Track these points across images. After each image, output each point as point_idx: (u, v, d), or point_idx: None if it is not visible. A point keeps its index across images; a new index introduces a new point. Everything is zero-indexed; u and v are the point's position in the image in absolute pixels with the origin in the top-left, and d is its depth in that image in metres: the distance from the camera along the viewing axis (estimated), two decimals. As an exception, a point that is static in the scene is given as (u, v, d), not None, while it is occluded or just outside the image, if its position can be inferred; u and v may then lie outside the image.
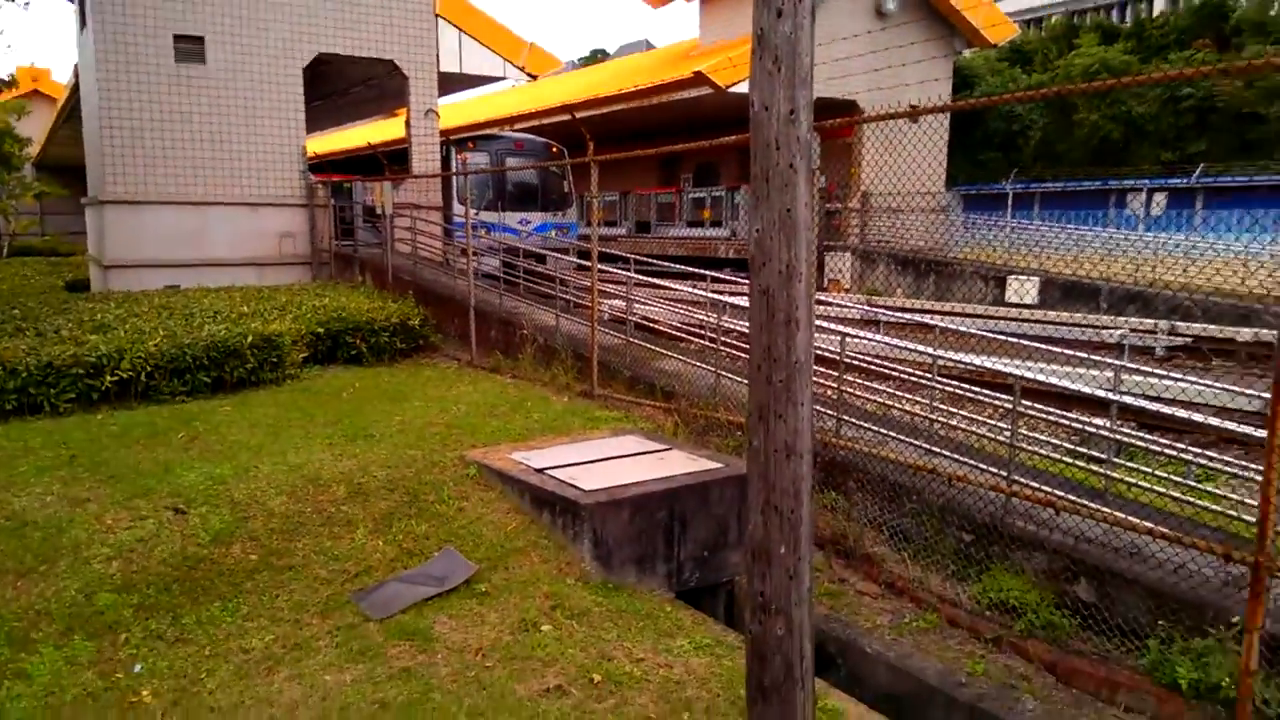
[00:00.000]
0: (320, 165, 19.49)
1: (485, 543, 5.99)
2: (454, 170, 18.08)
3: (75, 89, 22.84)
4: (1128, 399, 5.97)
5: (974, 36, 24.09)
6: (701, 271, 11.52)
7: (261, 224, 17.01)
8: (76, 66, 20.41)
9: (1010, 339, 7.79)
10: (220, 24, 16.20)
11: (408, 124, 18.88)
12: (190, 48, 16.07)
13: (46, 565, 5.27)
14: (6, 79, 17.40)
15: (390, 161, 17.53)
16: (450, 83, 21.16)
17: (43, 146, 37.48)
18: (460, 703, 4.27)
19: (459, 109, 33.40)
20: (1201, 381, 7.05)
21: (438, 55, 18.90)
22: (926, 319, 8.83)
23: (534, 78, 24.88)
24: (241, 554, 5.53)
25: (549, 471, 6.66)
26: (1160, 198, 19.99)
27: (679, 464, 6.88)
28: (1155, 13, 46.01)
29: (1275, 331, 10.35)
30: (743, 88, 20.17)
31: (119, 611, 4.89)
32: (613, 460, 7.04)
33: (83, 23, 16.99)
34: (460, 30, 20.75)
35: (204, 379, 9.36)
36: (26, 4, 22.03)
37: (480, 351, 11.94)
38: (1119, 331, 12.43)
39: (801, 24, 3.35)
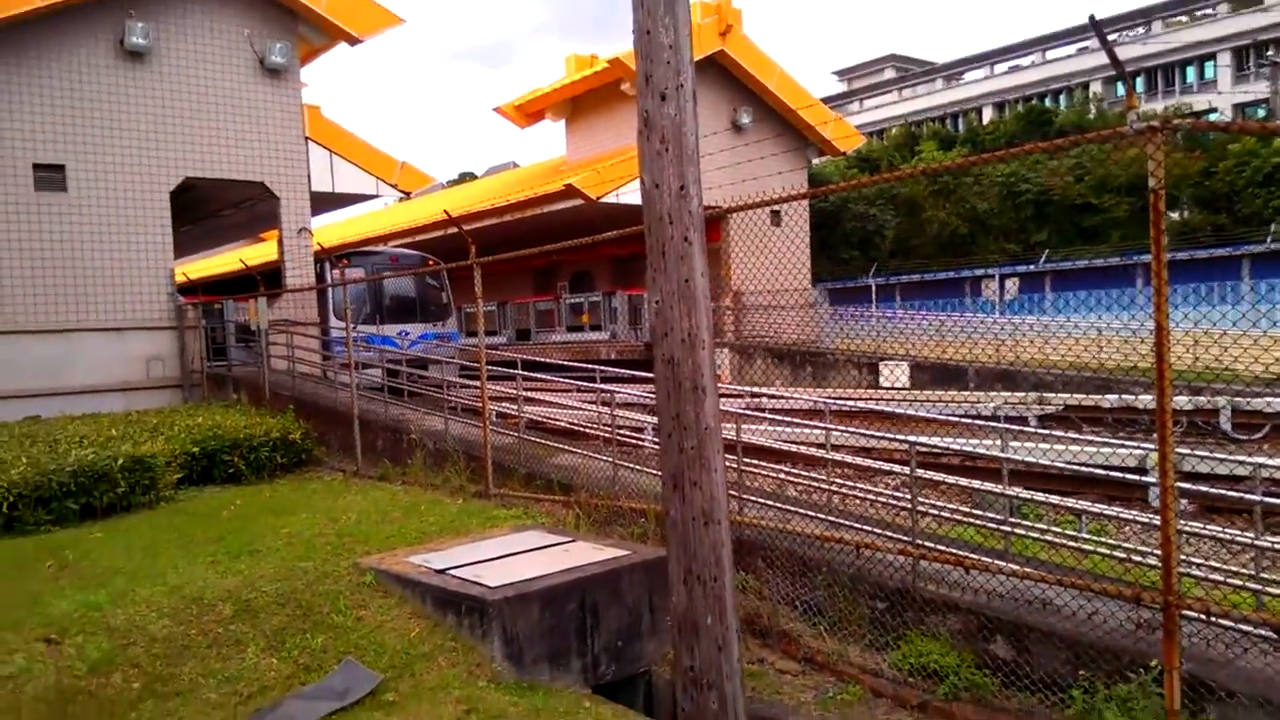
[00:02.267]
0: (192, 288, 18.84)
1: (388, 650, 5.69)
2: (330, 283, 17.83)
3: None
4: (1019, 459, 6.31)
5: (825, 146, 26.07)
6: (590, 366, 11.65)
7: (129, 348, 16.18)
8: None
9: (896, 411, 8.19)
10: (82, 151, 15.76)
11: (280, 242, 18.60)
12: (50, 175, 15.53)
13: (-113, 716, 4.65)
14: None
15: (265, 280, 17.13)
16: (323, 202, 21.06)
17: None
18: (377, 819, 3.96)
19: (333, 229, 33.16)
20: (1083, 440, 7.51)
21: (309, 176, 18.88)
22: (810, 402, 9.19)
23: (407, 195, 25.10)
24: (123, 683, 5.04)
25: (451, 571, 6.44)
26: (1011, 283, 21.80)
27: (585, 555, 6.78)
28: (985, 120, 51.29)
29: (1148, 395, 11.27)
30: (610, 198, 21.07)
31: (-20, 759, 4.35)
32: (516, 556, 6.88)
33: (-67, 152, 16.14)
34: (331, 152, 20.80)
35: (72, 506, 8.74)
36: None
37: (367, 461, 11.56)
38: (993, 404, 13.20)
39: (685, 106, 3.62)
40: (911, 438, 6.52)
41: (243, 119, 17.54)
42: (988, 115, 55.82)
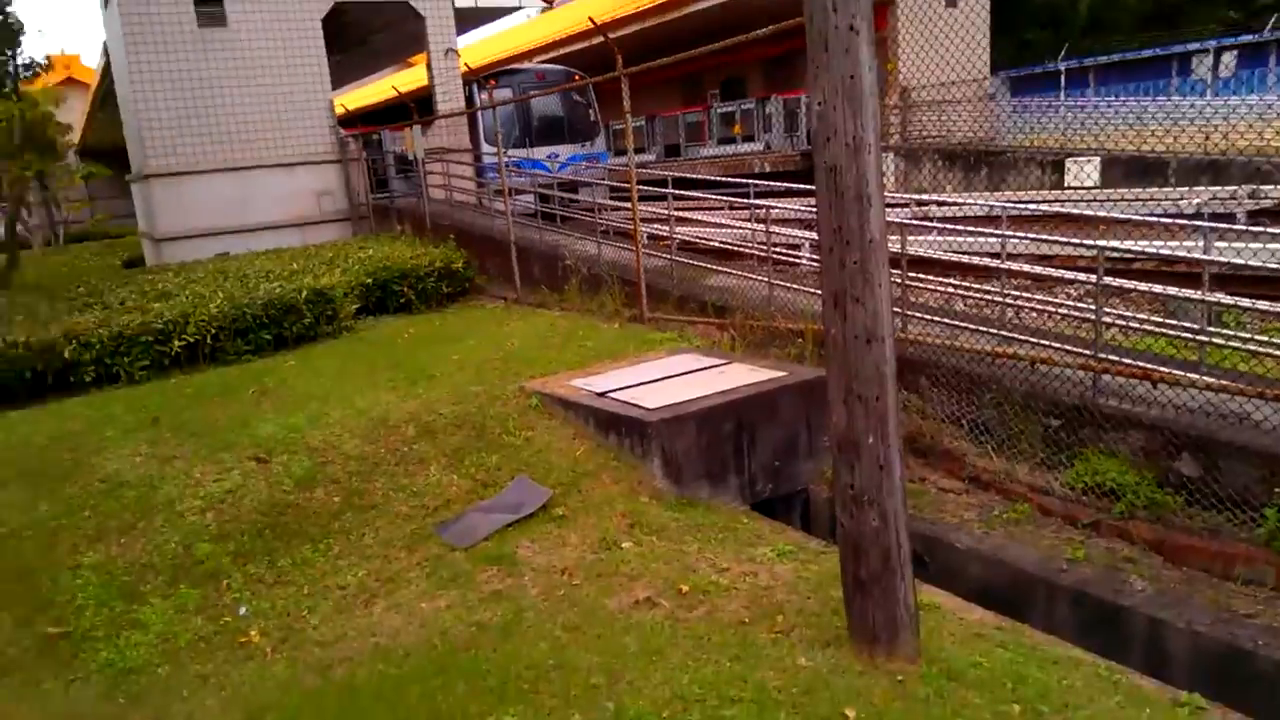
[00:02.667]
0: (348, 120, 19.34)
1: (556, 469, 5.99)
2: (479, 107, 17.80)
3: (106, 70, 22.89)
4: (1222, 259, 5.57)
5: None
6: (741, 182, 11.17)
7: (299, 184, 17.02)
8: (105, 45, 20.41)
9: (1082, 214, 7.40)
10: (234, -17, 16.00)
11: (429, 66, 18.57)
12: (211, 10, 15.90)
13: (145, 521, 5.42)
14: (45, 62, 17.42)
15: (417, 107, 17.31)
16: (467, 19, 20.67)
17: (82, 133, 37.91)
18: (554, 619, 4.29)
19: (479, 47, 32.80)
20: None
21: (453, -9, 18.48)
22: (984, 207, 8.42)
23: (550, 4, 24.24)
24: (325, 497, 5.62)
25: (611, 394, 6.60)
26: (1229, 58, 18.70)
27: (741, 376, 6.76)
28: None
29: None
30: (766, -12, 19.37)
31: (218, 560, 5.02)
32: (673, 379, 6.95)
33: (105, 1, 16.91)
34: (473, -37, 20.17)
35: (265, 336, 9.50)
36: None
37: (525, 288, 11.86)
38: (1196, 200, 11.65)
39: None
40: (1099, 242, 5.88)
41: (387, -66, 17.16)
42: None
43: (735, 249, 10.33)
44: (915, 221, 7.63)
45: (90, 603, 4.67)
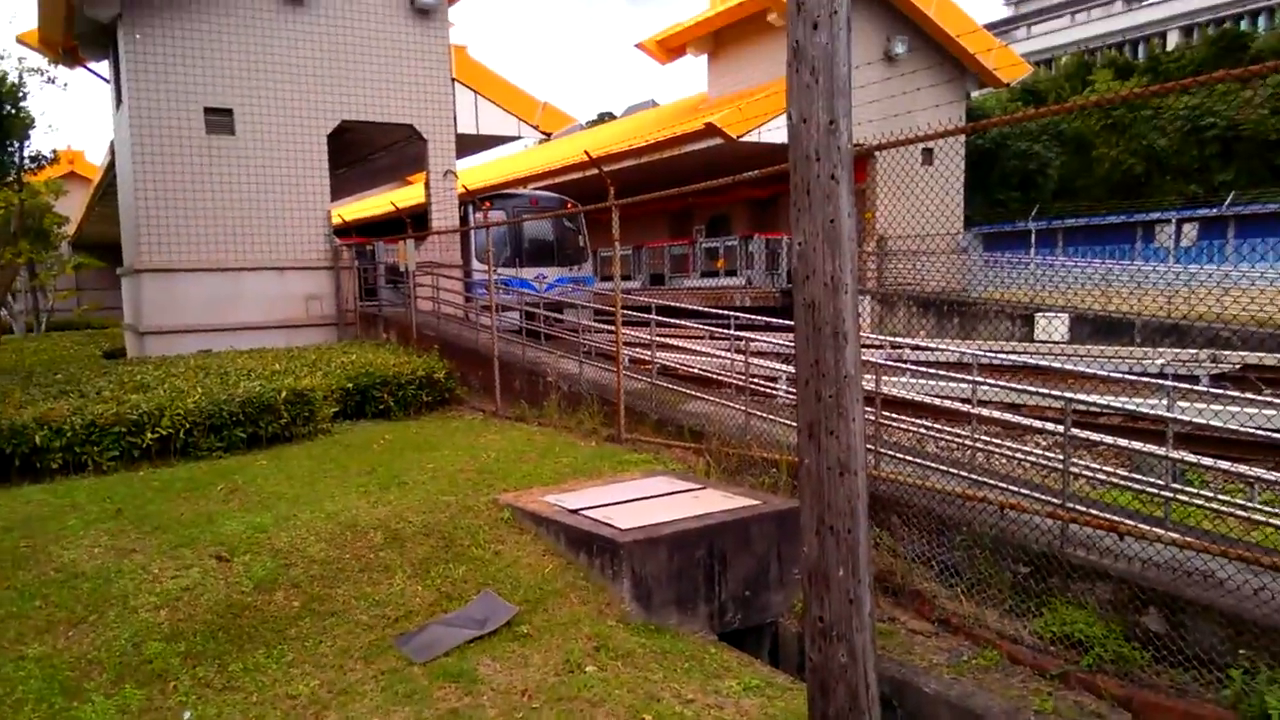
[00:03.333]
0: (345, 229, 19.86)
1: (523, 585, 5.90)
2: (472, 226, 18.35)
3: (110, 167, 23.53)
4: (1185, 418, 5.78)
5: (986, 77, 24.29)
6: (722, 313, 11.51)
7: (289, 287, 17.29)
8: (112, 144, 21.06)
9: (1051, 366, 7.67)
10: (248, 96, 16.72)
11: (427, 185, 19.24)
12: (220, 119, 16.57)
13: (96, 615, 5.24)
14: (50, 155, 17.91)
15: (412, 222, 17.84)
16: (468, 144, 21.61)
17: (78, 225, 38.52)
18: (510, 744, 4.15)
19: (477, 171, 34.08)
20: (1263, 399, 6.77)
21: (455, 117, 19.37)
22: (956, 354, 8.73)
23: (548, 136, 25.38)
24: (284, 601, 5.47)
25: (583, 512, 6.59)
26: (1190, 228, 19.80)
27: (715, 502, 6.79)
28: (1170, 46, 46.44)
29: None
30: (752, 136, 20.49)
31: (167, 660, 4.84)
32: (647, 500, 6.96)
33: (118, 101, 17.58)
34: (476, 93, 21.23)
35: (240, 434, 9.45)
36: (65, 85, 22.87)
37: (505, 402, 11.95)
38: (1160, 361, 12.12)
39: (838, 34, 3.39)
40: (1067, 394, 6.09)
41: (394, 61, 18.09)
42: (1173, 40, 50.49)
43: (714, 377, 10.53)
44: (889, 363, 7.86)
45: (30, 697, 4.46)
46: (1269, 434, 5.64)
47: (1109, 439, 6.31)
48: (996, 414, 7.29)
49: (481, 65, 20.83)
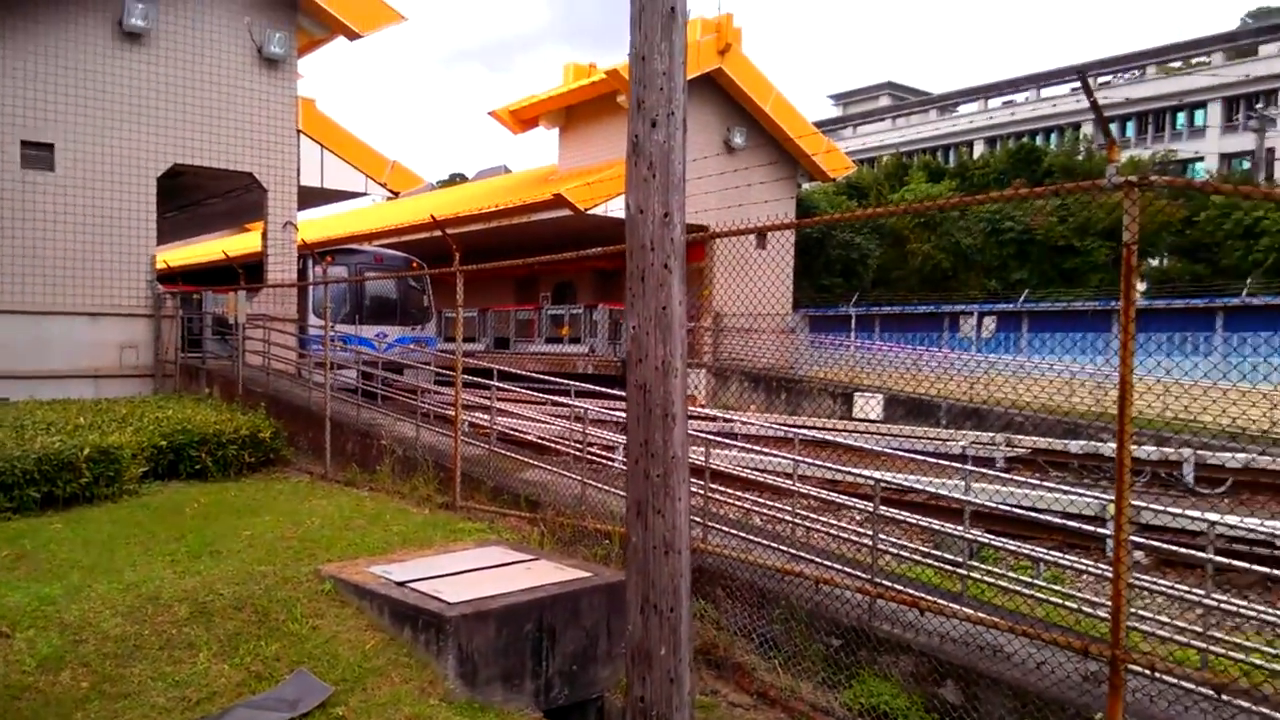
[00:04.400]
0: (170, 276, 18.70)
1: (342, 662, 5.63)
2: (312, 281, 17.74)
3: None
4: (981, 503, 6.36)
5: (815, 171, 26.28)
6: (565, 383, 11.67)
7: (102, 334, 16.03)
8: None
9: (866, 447, 8.24)
10: (72, 132, 15.68)
11: (264, 236, 18.49)
12: (39, 154, 15.42)
13: None
14: None
15: (246, 273, 17.04)
16: (311, 197, 20.99)
17: None
18: (316, 837, 3.92)
19: (320, 223, 33.02)
20: (1045, 486, 7.59)
21: (299, 169, 18.82)
22: (783, 431, 9.25)
23: (396, 195, 25.09)
24: (71, 681, 4.96)
25: (410, 584, 6.39)
26: (990, 321, 21.99)
27: (547, 574, 6.76)
28: (976, 154, 51.85)
29: (1110, 443, 11.38)
30: (599, 210, 21.13)
31: (-84, 753, 4.26)
32: (478, 571, 6.85)
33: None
34: (323, 146, 20.76)
35: (33, 494, 8.63)
36: None
37: (336, 465, 11.48)
38: (961, 444, 13.32)
39: (674, 134, 3.66)
40: (876, 474, 6.56)
41: (236, 108, 17.45)
42: (979, 149, 56.49)
43: (553, 445, 10.57)
44: (719, 437, 8.20)
45: None
46: (1049, 515, 6.30)
47: (913, 517, 6.81)
48: (815, 490, 7.73)
49: (330, 119, 20.41)
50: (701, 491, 7.52)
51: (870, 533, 6.38)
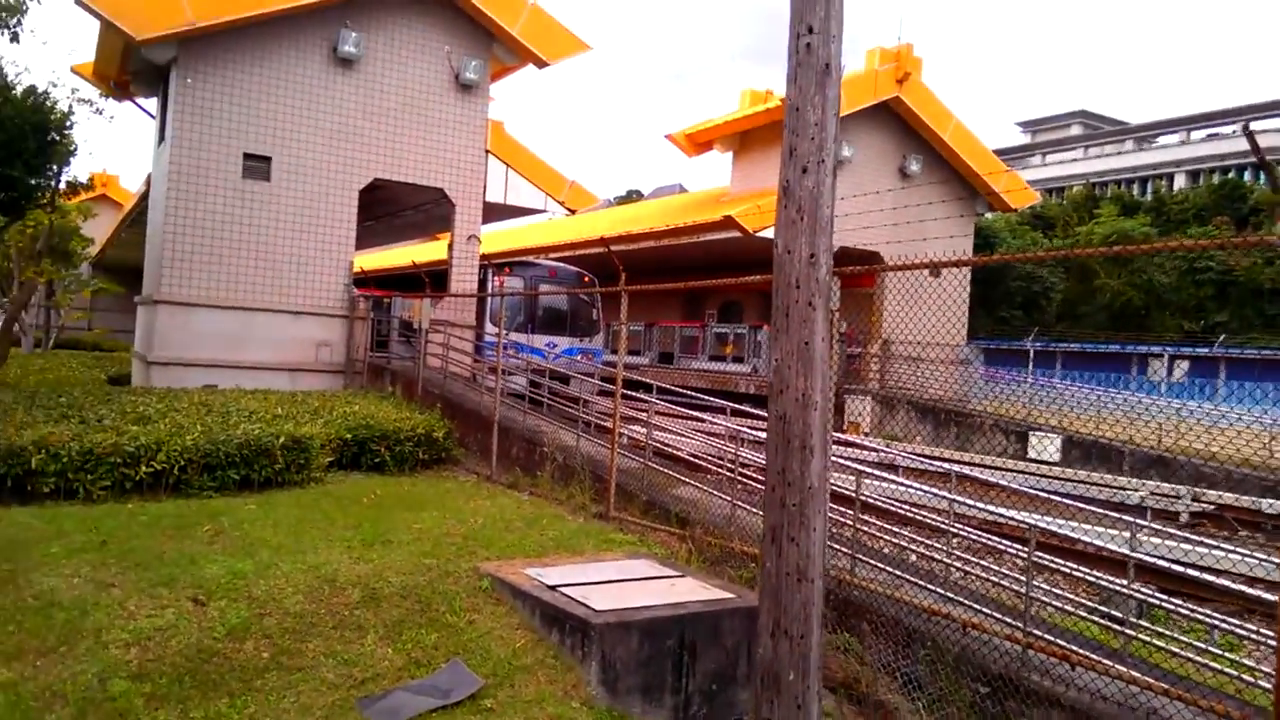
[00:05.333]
0: (364, 280, 20.39)
1: (493, 657, 5.96)
2: (490, 292, 18.80)
3: (144, 197, 24.28)
4: (1145, 558, 5.94)
5: (995, 201, 25.09)
6: (721, 403, 11.76)
7: (302, 332, 17.66)
8: (149, 176, 21.80)
9: (1030, 491, 7.82)
10: (287, 146, 17.42)
11: (450, 247, 19.80)
12: (257, 165, 17.24)
13: (67, 646, 5.34)
14: (84, 182, 18.54)
15: (431, 280, 18.31)
16: (494, 212, 22.30)
17: (103, 248, 39.38)
18: (457, 816, 4.20)
19: (500, 236, 34.87)
20: (1222, 546, 6.98)
21: (485, 187, 20.04)
22: (945, 466, 8.90)
23: (573, 212, 26.18)
24: (254, 651, 5.55)
25: (561, 589, 6.66)
26: (1182, 364, 20.20)
27: (691, 591, 6.86)
28: (1175, 189, 47.72)
29: None
30: (768, 234, 21.06)
31: (130, 699, 4.91)
32: (624, 583, 7.04)
33: (161, 138, 18.31)
34: (508, 165, 22.07)
35: (233, 476, 9.56)
36: (112, 117, 23.77)
37: (500, 467, 12.08)
38: (1140, 494, 12.33)
39: (824, 180, 3.71)
40: (1032, 517, 6.24)
41: (432, 128, 18.86)
42: (1179, 182, 51.90)
43: (706, 463, 10.67)
44: (870, 470, 8.02)
45: (-10, 723, 4.56)
46: (1226, 578, 5.77)
47: (1068, 566, 6.43)
48: (970, 530, 7.41)
49: (516, 141, 21.69)
50: (851, 523, 7.39)
51: (1025, 579, 6.07)
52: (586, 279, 20.14)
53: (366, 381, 17.68)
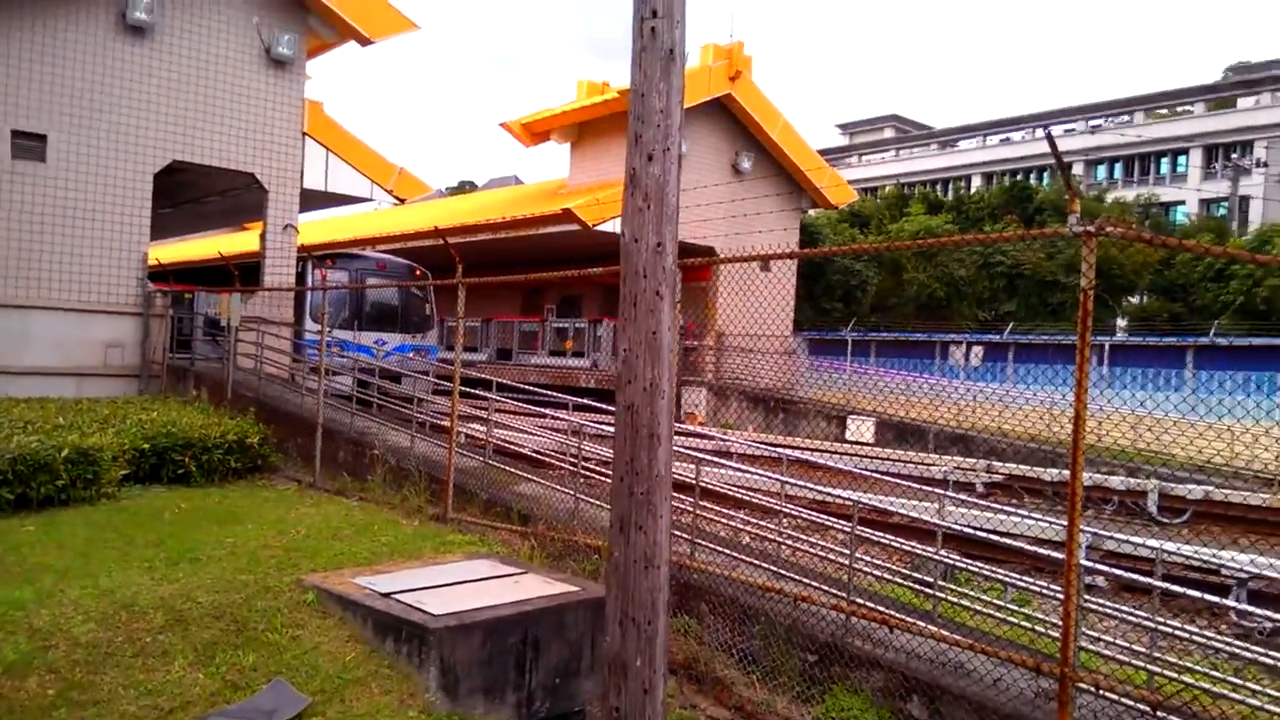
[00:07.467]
0: (162, 274, 18.64)
1: (321, 674, 5.60)
2: (311, 286, 17.75)
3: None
4: (952, 527, 6.46)
5: (819, 198, 26.50)
6: (563, 398, 11.67)
7: (89, 332, 15.90)
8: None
9: (854, 470, 8.29)
10: (68, 123, 15.59)
11: (263, 237, 18.45)
12: (30, 144, 15.32)
13: None
14: None
15: (241, 274, 17.02)
16: (314, 200, 21.00)
17: None
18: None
19: (321, 226, 33.06)
20: (1016, 513, 7.71)
21: (302, 172, 18.81)
22: (776, 451, 9.29)
23: (402, 201, 25.19)
24: (38, 688, 4.92)
25: (395, 596, 6.37)
26: (978, 350, 22.23)
27: (534, 588, 6.75)
28: (973, 188, 52.46)
29: (1088, 472, 11.62)
30: (608, 226, 21.18)
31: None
32: (465, 584, 6.83)
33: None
34: (329, 150, 20.81)
35: (6, 495, 8.48)
36: None
37: (325, 472, 11.44)
38: (944, 469, 13.50)
39: (669, 168, 3.71)
40: (854, 495, 6.64)
41: (240, 107, 17.39)
42: (976, 183, 57.13)
43: (548, 458, 10.56)
44: (709, 456, 8.23)
45: None
46: (1015, 539, 6.39)
47: (892, 539, 6.90)
48: (799, 510, 7.78)
49: (337, 123, 20.44)
50: (691, 509, 7.53)
51: (849, 552, 6.44)
52: (418, 272, 19.42)
53: (166, 386, 16.21)
